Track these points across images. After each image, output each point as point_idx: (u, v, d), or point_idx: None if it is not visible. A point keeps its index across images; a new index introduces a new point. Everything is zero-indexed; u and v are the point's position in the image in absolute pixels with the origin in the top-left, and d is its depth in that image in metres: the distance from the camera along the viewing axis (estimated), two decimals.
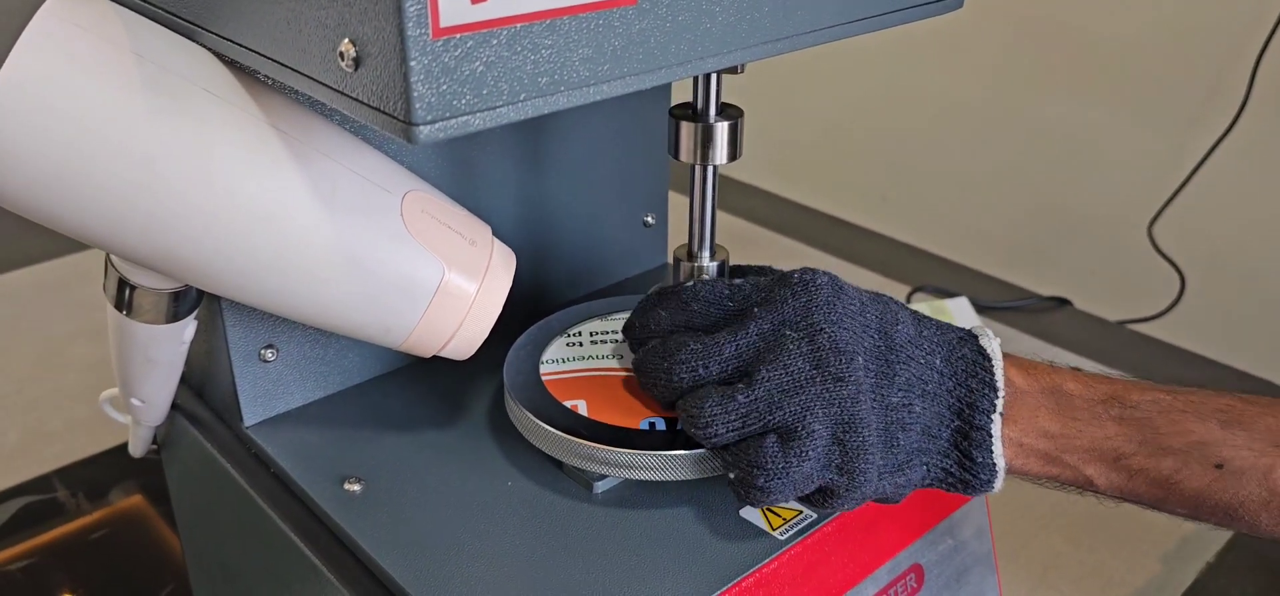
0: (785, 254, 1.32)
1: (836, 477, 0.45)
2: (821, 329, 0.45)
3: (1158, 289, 1.32)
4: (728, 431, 0.45)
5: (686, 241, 0.56)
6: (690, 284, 0.50)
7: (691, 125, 0.52)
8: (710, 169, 0.53)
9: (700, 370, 0.46)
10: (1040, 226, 1.56)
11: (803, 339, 0.45)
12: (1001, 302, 1.18)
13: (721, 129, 0.52)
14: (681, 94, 0.54)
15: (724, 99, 0.52)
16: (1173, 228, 1.37)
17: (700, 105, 0.51)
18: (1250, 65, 1.26)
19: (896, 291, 1.21)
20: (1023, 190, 1.56)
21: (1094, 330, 1.16)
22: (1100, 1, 1.40)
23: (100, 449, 0.98)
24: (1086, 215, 1.50)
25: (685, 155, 0.53)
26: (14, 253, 1.33)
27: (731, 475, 0.45)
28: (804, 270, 0.47)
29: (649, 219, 0.71)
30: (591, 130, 0.65)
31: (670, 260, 0.56)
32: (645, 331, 0.50)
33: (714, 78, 0.50)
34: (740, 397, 0.45)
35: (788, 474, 0.44)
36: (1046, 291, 1.20)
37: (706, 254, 0.55)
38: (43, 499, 0.92)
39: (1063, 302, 1.19)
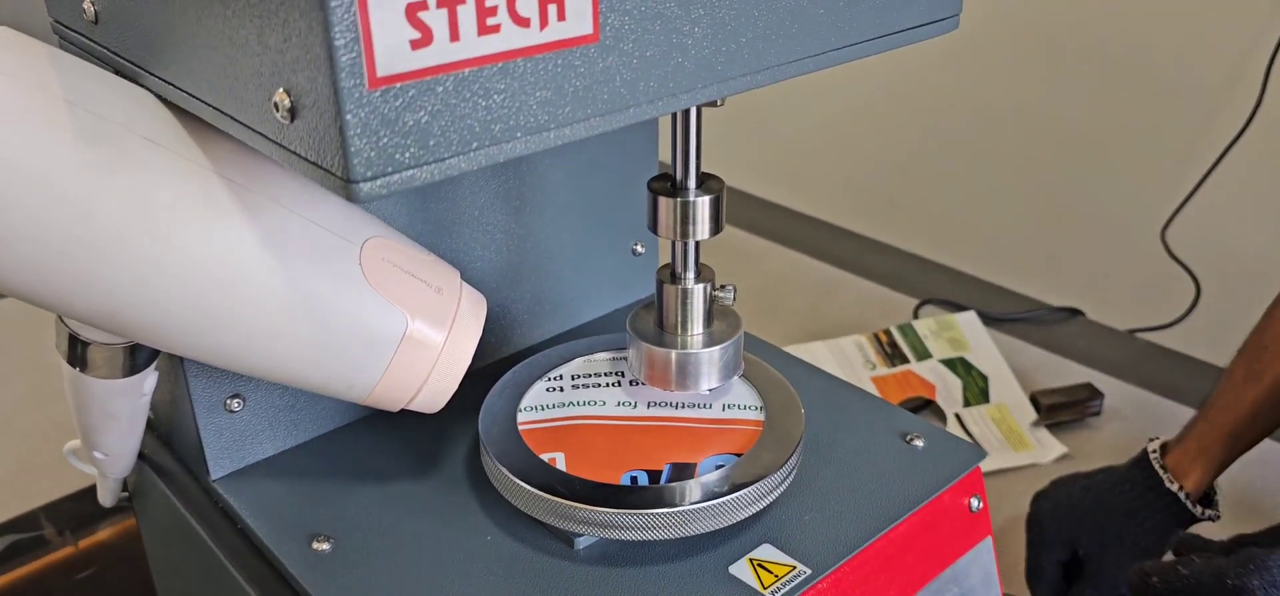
0: (790, 267, 1.29)
1: None
2: None
3: (1172, 296, 1.29)
4: None
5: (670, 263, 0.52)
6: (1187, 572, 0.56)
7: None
8: (692, 111, 0.48)
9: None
10: (1051, 233, 1.53)
11: None
12: (1011, 314, 1.15)
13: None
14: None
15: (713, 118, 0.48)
16: (1187, 232, 1.33)
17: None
18: (1264, 66, 1.22)
19: (904, 304, 1.18)
20: (1033, 196, 1.53)
21: (1106, 340, 1.12)
22: (1111, 4, 1.36)
23: (90, 482, 0.96)
24: (1098, 221, 1.46)
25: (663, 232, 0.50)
26: None
27: None
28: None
29: (638, 247, 0.69)
30: (576, 157, 0.63)
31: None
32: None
33: (693, 112, 0.47)
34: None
35: None
36: (1057, 301, 1.17)
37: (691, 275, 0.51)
38: (30, 537, 0.90)
39: (1074, 313, 1.16)
